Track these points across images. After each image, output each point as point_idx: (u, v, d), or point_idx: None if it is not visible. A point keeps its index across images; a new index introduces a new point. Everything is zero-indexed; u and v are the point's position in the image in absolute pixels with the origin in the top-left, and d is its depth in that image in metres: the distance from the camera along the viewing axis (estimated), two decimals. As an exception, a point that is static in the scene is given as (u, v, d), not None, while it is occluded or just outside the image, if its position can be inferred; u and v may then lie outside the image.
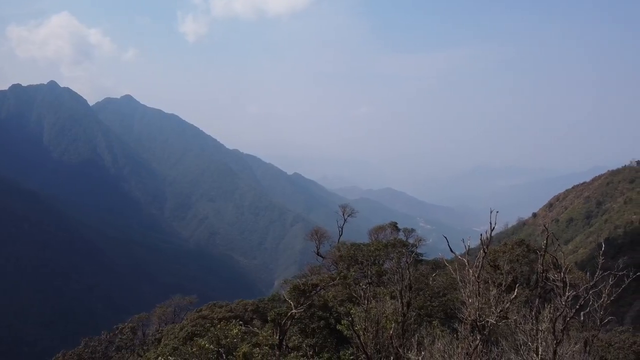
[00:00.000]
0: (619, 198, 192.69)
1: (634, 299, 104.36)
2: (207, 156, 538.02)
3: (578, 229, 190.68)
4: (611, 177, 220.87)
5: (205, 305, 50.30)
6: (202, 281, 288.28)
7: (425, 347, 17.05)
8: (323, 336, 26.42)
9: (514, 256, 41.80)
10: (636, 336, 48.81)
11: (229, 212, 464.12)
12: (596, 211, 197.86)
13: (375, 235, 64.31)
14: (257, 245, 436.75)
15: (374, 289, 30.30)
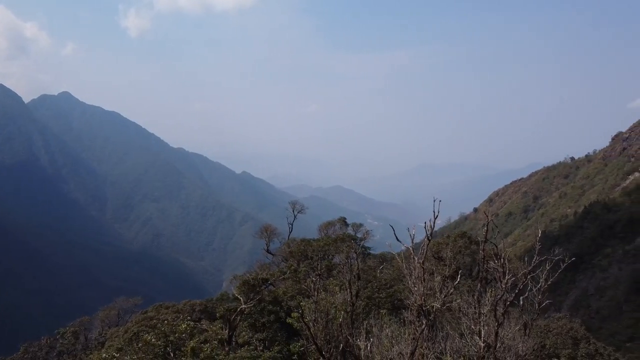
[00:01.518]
0: (554, 193, 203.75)
1: (570, 289, 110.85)
2: (150, 155, 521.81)
3: (516, 223, 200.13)
4: (547, 173, 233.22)
5: (151, 306, 49.01)
6: (147, 284, 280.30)
7: (373, 334, 17.40)
8: (273, 330, 26.39)
9: (456, 248, 43.34)
10: (573, 322, 51.93)
11: (174, 212, 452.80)
12: (533, 205, 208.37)
13: (325, 231, 64.92)
14: (205, 246, 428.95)
15: (323, 281, 30.59)
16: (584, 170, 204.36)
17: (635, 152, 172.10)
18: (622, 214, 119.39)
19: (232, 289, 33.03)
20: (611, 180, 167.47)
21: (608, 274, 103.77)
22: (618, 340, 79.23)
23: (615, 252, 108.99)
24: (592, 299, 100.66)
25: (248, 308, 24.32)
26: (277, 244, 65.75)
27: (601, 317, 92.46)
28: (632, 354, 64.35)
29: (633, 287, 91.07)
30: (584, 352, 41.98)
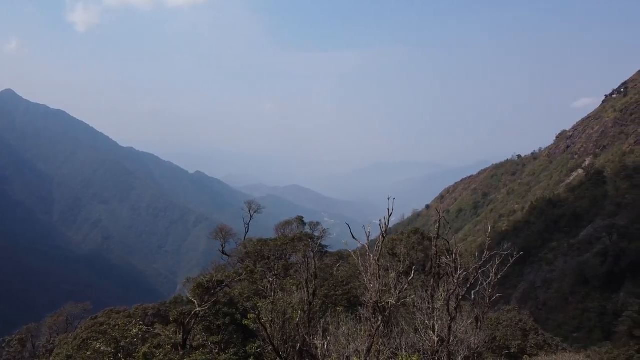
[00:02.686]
0: (502, 189, 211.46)
1: (519, 282, 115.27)
2: (99, 154, 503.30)
3: (467, 219, 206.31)
4: (495, 170, 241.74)
5: (101, 312, 47.35)
6: (97, 288, 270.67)
7: (330, 333, 17.45)
8: (229, 332, 26.01)
9: (410, 244, 44.25)
10: (522, 314, 54.08)
11: (125, 214, 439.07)
12: (482, 202, 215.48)
13: (282, 230, 64.78)
14: (157, 249, 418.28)
15: (280, 281, 30.45)
16: (530, 168, 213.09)
17: (579, 149, 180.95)
18: (567, 209, 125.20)
19: (186, 292, 32.35)
20: (556, 176, 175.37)
21: (554, 267, 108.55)
22: (565, 330, 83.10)
23: (560, 245, 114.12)
24: (539, 291, 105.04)
25: (202, 311, 23.85)
26: (233, 245, 64.99)
27: (549, 309, 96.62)
28: (578, 344, 67.55)
29: (578, 279, 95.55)
30: (533, 343, 43.78)
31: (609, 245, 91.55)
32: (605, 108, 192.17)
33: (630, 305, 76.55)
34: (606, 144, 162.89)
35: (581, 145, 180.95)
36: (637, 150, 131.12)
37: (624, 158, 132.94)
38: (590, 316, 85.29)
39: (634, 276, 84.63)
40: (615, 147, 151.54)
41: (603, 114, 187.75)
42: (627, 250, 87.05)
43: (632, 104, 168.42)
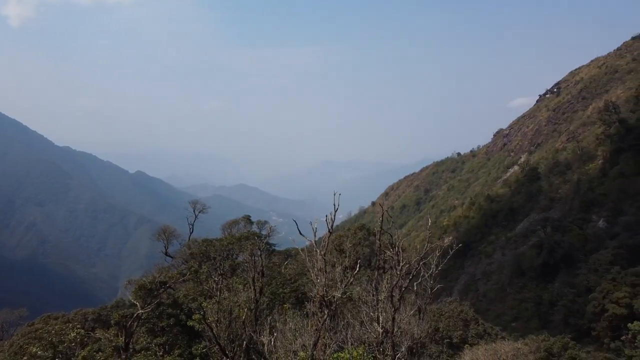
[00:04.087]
0: (443, 186, 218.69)
1: (460, 275, 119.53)
2: (32, 154, 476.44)
3: (410, 215, 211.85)
4: (436, 168, 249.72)
5: (38, 318, 45.02)
6: (33, 295, 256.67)
7: (277, 329, 17.44)
8: (174, 334, 25.43)
9: (356, 239, 44.94)
10: (463, 305, 56.23)
11: (61, 216, 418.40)
12: (425, 198, 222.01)
13: (229, 230, 63.85)
14: (96, 252, 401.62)
15: (227, 281, 30.06)
16: (469, 165, 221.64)
17: (514, 147, 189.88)
18: (504, 204, 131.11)
19: (128, 295, 31.30)
20: (493, 173, 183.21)
21: (493, 259, 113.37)
22: (504, 320, 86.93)
23: (498, 239, 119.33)
24: (479, 283, 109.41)
25: (145, 313, 23.14)
26: (177, 246, 63.39)
27: (488, 300, 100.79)
28: (516, 333, 70.79)
29: (515, 271, 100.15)
30: (474, 333, 45.67)
31: (543, 238, 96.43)
32: (539, 107, 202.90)
33: (565, 295, 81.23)
34: (540, 141, 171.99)
35: (517, 143, 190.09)
36: (569, 147, 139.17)
37: (557, 155, 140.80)
38: (527, 306, 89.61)
39: (568, 267, 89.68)
40: (549, 144, 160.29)
41: (537, 113, 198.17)
42: (560, 242, 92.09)
43: (564, 104, 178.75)
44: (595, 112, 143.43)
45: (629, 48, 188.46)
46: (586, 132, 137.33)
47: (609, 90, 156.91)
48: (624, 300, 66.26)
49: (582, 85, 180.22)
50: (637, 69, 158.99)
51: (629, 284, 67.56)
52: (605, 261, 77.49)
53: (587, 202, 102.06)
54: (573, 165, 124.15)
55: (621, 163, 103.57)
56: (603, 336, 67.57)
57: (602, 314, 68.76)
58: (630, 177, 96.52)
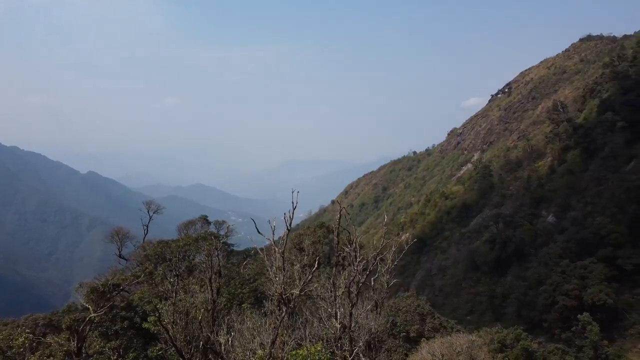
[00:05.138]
0: (400, 184, 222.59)
1: (416, 270, 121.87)
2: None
3: (369, 212, 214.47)
4: (394, 166, 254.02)
5: (-17, 325, 42.66)
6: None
7: (235, 329, 17.26)
8: (128, 337, 24.75)
9: (316, 238, 45.11)
10: (419, 300, 57.36)
11: (9, 219, 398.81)
12: (383, 196, 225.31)
13: (185, 231, 62.61)
14: (47, 256, 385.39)
15: (183, 282, 29.50)
16: (424, 163, 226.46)
17: (468, 145, 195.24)
18: (457, 201, 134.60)
19: (80, 299, 30.20)
20: (448, 171, 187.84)
21: (448, 254, 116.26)
22: (459, 314, 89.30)
23: (453, 235, 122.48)
24: (435, 278, 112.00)
25: (98, 316, 22.40)
26: (132, 248, 61.56)
27: (444, 294, 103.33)
28: (471, 326, 72.79)
29: (470, 266, 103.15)
30: (430, 327, 46.70)
31: (496, 233, 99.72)
32: (491, 107, 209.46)
33: (517, 288, 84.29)
34: (492, 140, 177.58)
35: (470, 141, 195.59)
36: (519, 145, 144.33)
37: (508, 153, 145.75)
38: (481, 299, 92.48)
39: (519, 261, 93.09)
40: (500, 143, 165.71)
41: (489, 112, 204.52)
42: (512, 237, 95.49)
43: (515, 103, 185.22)
44: (544, 111, 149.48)
45: (577, 49, 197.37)
46: (536, 131, 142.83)
47: (558, 91, 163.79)
48: (573, 292, 69.39)
49: (532, 85, 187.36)
50: (584, 70, 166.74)
51: (578, 276, 70.79)
52: (555, 255, 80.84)
53: (537, 198, 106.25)
54: (523, 163, 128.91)
55: (569, 160, 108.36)
56: (554, 327, 70.53)
57: (553, 305, 71.79)
58: (577, 174, 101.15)
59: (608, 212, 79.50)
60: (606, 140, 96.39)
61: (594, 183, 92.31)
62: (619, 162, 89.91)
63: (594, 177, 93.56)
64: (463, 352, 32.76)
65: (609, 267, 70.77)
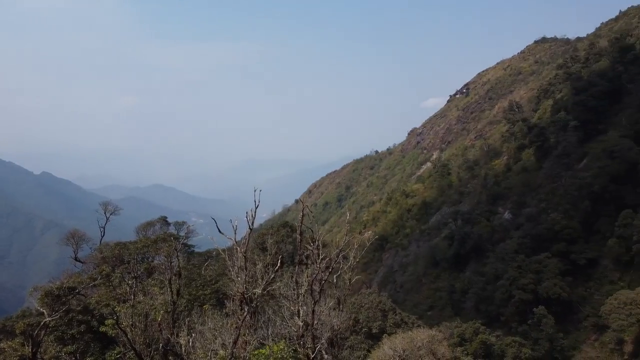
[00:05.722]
0: (362, 182, 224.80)
1: (379, 267, 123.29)
2: None
3: (332, 211, 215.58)
4: (356, 165, 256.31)
5: None
6: None
7: (196, 330, 17.01)
8: (85, 341, 24.01)
9: (279, 237, 44.95)
10: (381, 297, 58.13)
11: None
12: (346, 194, 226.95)
13: (144, 232, 61.18)
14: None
15: (141, 284, 28.83)
16: (386, 162, 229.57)
17: (427, 145, 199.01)
18: (418, 199, 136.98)
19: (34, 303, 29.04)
20: (408, 169, 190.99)
21: (409, 251, 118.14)
22: (420, 309, 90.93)
23: (413, 232, 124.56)
24: (397, 274, 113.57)
25: (53, 321, 21.60)
26: (88, 251, 59.64)
27: (405, 290, 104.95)
28: (432, 321, 74.35)
29: (430, 262, 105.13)
30: (392, 322, 47.38)
31: (454, 230, 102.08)
32: (450, 107, 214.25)
33: (475, 283, 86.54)
34: (451, 139, 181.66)
35: (429, 141, 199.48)
36: (477, 144, 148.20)
37: (466, 152, 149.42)
38: (441, 295, 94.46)
39: (477, 256, 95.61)
40: (459, 142, 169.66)
41: (448, 112, 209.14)
42: (470, 233, 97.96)
43: (472, 104, 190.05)
44: (500, 111, 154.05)
45: (531, 51, 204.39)
46: (492, 131, 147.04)
47: (513, 91, 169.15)
48: (529, 286, 71.87)
49: (489, 86, 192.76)
50: (538, 71, 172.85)
51: (533, 270, 73.37)
52: (511, 250, 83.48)
53: (493, 195, 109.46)
54: (480, 162, 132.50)
55: (524, 159, 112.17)
56: (511, 321, 72.86)
57: (510, 299, 74.15)
58: (532, 172, 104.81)
59: (561, 208, 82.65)
60: (559, 139, 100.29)
61: (548, 181, 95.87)
62: (572, 160, 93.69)
63: (548, 174, 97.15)
64: (424, 346, 33.41)
65: (562, 262, 73.62)
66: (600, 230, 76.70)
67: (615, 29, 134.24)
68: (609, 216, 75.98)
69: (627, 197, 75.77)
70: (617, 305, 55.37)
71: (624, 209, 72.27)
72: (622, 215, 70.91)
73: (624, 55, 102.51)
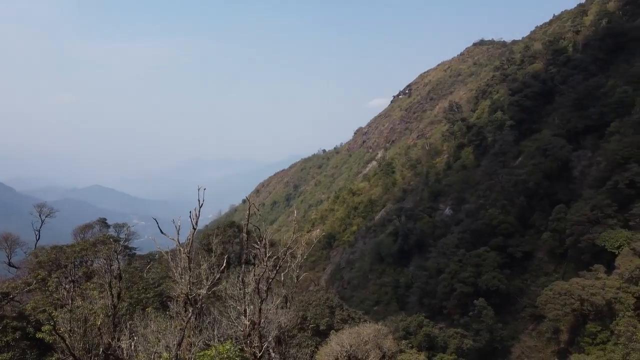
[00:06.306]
0: (311, 181, 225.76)
1: (327, 265, 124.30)
2: None
3: (281, 210, 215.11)
4: (304, 164, 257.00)
5: None
6: None
7: (138, 333, 16.57)
8: (21, 349, 22.78)
9: (226, 237, 44.35)
10: (329, 293, 58.59)
11: None
12: (294, 193, 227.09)
13: (82, 235, 58.80)
14: None
15: (80, 289, 27.67)
16: (333, 161, 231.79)
17: (373, 144, 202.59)
18: (364, 197, 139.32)
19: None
20: (355, 168, 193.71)
21: (356, 248, 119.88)
22: (367, 305, 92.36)
23: (359, 229, 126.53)
24: (344, 271, 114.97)
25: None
26: (23, 256, 56.51)
27: (353, 287, 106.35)
28: (378, 316, 75.69)
29: (375, 258, 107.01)
30: (339, 319, 47.92)
31: (398, 226, 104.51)
32: (393, 107, 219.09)
33: (419, 278, 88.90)
34: (395, 138, 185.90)
35: (374, 140, 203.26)
36: (419, 143, 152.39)
37: (409, 150, 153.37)
38: (386, 290, 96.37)
39: (420, 251, 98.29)
40: (402, 141, 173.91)
41: (392, 112, 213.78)
42: (413, 229, 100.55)
43: (414, 104, 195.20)
44: (441, 111, 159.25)
45: (470, 53, 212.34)
46: (433, 130, 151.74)
47: (453, 92, 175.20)
48: (469, 279, 74.50)
49: (430, 87, 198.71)
50: (477, 72, 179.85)
51: (473, 264, 76.14)
52: (452, 245, 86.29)
53: (435, 192, 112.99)
54: (422, 160, 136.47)
55: (463, 157, 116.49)
56: (453, 313, 75.29)
57: (452, 292, 76.63)
58: (471, 169, 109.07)
59: (499, 204, 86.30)
60: (496, 138, 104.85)
61: (486, 178, 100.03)
62: (508, 158, 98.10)
63: (485, 172, 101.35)
64: (370, 341, 34.01)
65: (500, 255, 76.65)
66: (535, 224, 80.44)
67: (549, 32, 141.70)
68: (543, 211, 79.81)
69: (560, 192, 79.91)
70: (552, 296, 57.63)
71: (557, 204, 75.96)
72: (556, 210, 74.59)
73: (557, 57, 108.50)
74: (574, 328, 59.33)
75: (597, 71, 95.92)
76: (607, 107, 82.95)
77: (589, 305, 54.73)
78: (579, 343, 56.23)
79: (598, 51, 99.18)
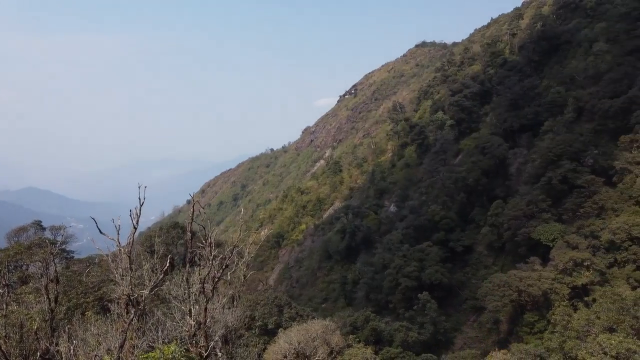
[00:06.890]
0: (259, 181, 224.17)
1: (275, 264, 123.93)
2: None
3: (228, 211, 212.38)
4: (252, 163, 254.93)
5: None
6: None
7: (77, 336, 16.03)
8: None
9: (169, 239, 43.47)
10: (277, 292, 58.71)
11: None
12: (242, 193, 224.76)
13: (16, 238, 56.03)
14: None
15: (15, 294, 26.35)
16: (281, 160, 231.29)
17: (320, 143, 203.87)
18: (312, 195, 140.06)
19: None
20: (303, 167, 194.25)
21: (304, 247, 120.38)
22: (315, 302, 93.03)
23: (308, 227, 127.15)
24: (292, 270, 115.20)
25: None
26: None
27: (301, 285, 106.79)
28: (326, 312, 76.45)
29: (324, 255, 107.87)
30: (288, 317, 48.11)
31: (346, 224, 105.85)
32: (340, 107, 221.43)
33: (366, 273, 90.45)
34: (341, 137, 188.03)
35: (322, 139, 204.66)
36: (365, 142, 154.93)
37: (355, 149, 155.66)
38: (334, 287, 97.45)
39: (367, 248, 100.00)
40: (349, 140, 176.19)
41: (339, 112, 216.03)
42: (360, 226, 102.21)
43: (360, 104, 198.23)
44: (385, 111, 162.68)
45: (413, 55, 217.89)
46: (378, 130, 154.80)
47: (397, 92, 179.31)
48: (413, 273, 76.61)
49: (375, 87, 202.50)
50: (419, 73, 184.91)
51: (417, 259, 78.36)
52: (397, 240, 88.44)
53: (380, 190, 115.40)
54: (368, 159, 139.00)
55: (406, 155, 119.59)
56: (398, 307, 77.18)
57: (397, 287, 78.54)
58: (414, 167, 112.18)
59: (440, 200, 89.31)
60: (437, 137, 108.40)
61: (428, 175, 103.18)
62: (449, 156, 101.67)
63: (427, 170, 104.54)
64: (318, 337, 34.46)
65: (442, 250, 79.41)
66: (474, 219, 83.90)
67: (487, 35, 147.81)
68: (482, 206, 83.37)
69: (498, 189, 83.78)
70: (491, 288, 60.19)
71: (495, 199, 79.68)
72: (494, 206, 78.17)
73: (494, 59, 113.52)
74: (513, 318, 62.11)
75: (532, 72, 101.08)
76: (541, 106, 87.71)
77: (526, 296, 57.57)
78: (518, 332, 59.07)
79: (533, 53, 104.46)
